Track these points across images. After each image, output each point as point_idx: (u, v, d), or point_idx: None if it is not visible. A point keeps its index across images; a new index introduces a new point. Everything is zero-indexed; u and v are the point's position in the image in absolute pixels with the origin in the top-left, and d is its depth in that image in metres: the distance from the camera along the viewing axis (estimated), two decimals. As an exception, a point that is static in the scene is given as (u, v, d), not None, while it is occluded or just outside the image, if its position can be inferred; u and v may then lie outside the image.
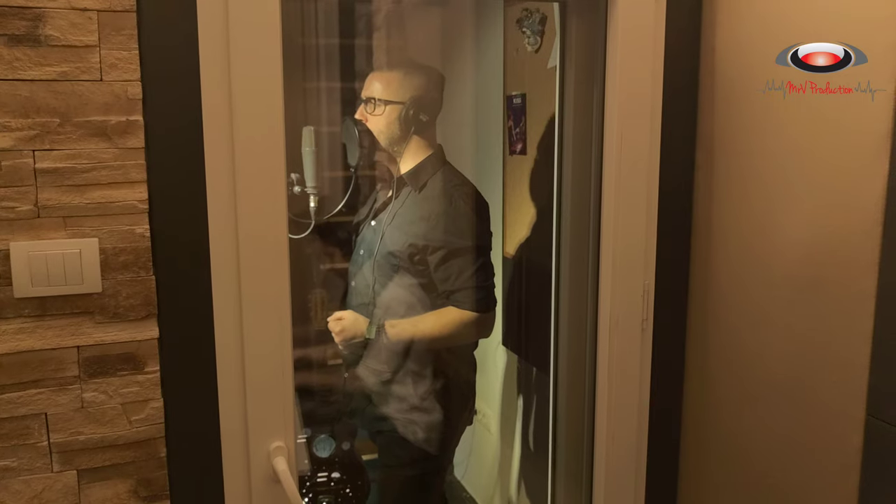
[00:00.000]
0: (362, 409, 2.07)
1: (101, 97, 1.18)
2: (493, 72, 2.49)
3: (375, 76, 1.94)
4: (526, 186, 2.33)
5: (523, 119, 2.34)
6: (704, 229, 1.63)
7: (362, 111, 1.93)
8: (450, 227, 1.86)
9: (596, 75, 1.57)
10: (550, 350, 1.77)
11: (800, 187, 1.40)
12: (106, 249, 1.22)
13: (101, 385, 1.25)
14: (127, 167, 1.21)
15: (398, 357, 1.97)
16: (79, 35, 1.16)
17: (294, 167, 1.95)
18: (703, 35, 1.58)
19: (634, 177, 1.53)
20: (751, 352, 1.54)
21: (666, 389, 1.68)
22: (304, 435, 2.23)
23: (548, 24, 2.19)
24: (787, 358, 1.46)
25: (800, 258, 1.41)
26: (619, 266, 1.55)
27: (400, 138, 1.91)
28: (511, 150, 2.43)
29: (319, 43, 2.54)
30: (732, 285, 1.57)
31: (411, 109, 1.87)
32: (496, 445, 2.68)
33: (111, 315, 1.24)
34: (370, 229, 2.01)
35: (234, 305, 1.29)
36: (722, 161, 1.57)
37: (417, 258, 1.88)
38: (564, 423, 1.76)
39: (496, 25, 2.49)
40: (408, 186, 1.94)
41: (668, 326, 1.65)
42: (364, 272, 1.99)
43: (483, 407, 2.71)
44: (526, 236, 2.33)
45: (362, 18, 2.67)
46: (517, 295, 2.41)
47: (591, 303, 1.63)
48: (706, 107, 1.59)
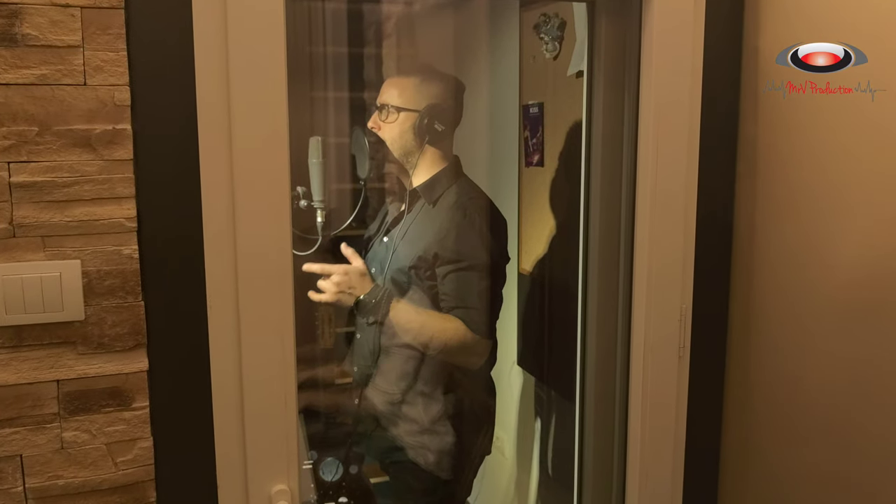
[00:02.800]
0: (371, 432, 2.01)
1: (84, 103, 1.11)
2: (508, 80, 2.45)
3: (391, 82, 1.89)
4: (544, 200, 2.27)
5: (540, 129, 2.30)
6: (746, 247, 1.53)
7: (375, 119, 1.87)
8: (462, 241, 1.79)
9: (627, 81, 1.48)
10: (576, 377, 1.67)
11: (855, 201, 1.31)
12: (89, 272, 1.14)
13: (83, 423, 1.17)
14: (113, 181, 1.13)
15: (408, 377, 1.90)
16: (60, 34, 1.08)
17: (300, 180, 1.88)
18: (745, 34, 1.49)
19: (671, 190, 1.44)
20: (797, 383, 1.44)
21: (703, 423, 1.59)
22: (310, 460, 2.12)
23: (567, 29, 2.13)
24: (838, 390, 1.36)
25: (854, 280, 1.32)
26: (653, 287, 1.45)
27: (414, 148, 1.85)
28: (527, 162, 2.38)
29: (327, 50, 2.50)
30: (778, 309, 1.47)
31: (426, 118, 1.81)
32: (511, 470, 2.60)
33: (95, 345, 1.16)
34: (381, 245, 1.95)
35: (231, 334, 1.21)
36: (766, 171, 1.48)
37: (427, 272, 1.81)
38: (591, 455, 1.65)
39: (511, 31, 2.44)
40: (421, 200, 1.88)
41: (707, 354, 1.56)
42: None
43: (497, 430, 2.60)
44: (543, 252, 2.27)
45: (372, 25, 2.64)
46: (534, 313, 2.34)
47: (622, 326, 1.53)
48: (748, 112, 1.50)
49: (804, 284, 1.42)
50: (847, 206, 1.33)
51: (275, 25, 1.16)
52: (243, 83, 1.16)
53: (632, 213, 1.49)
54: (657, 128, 1.41)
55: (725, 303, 1.57)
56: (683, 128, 1.44)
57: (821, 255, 1.38)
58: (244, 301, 1.20)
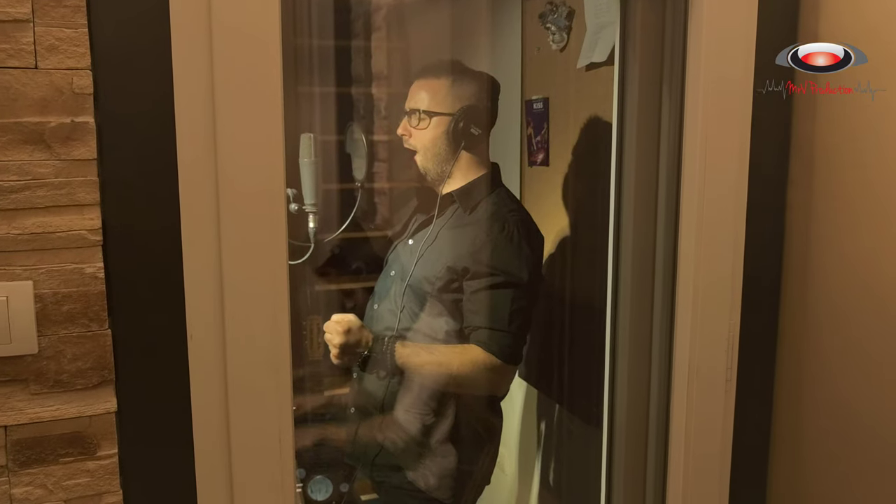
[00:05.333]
0: (374, 456, 1.95)
1: (36, 91, 0.98)
2: (509, 73, 2.40)
3: (421, 84, 1.82)
4: (549, 201, 2.22)
5: (545, 126, 2.25)
6: (800, 261, 1.43)
7: (406, 125, 1.81)
8: (497, 256, 1.72)
9: (666, 74, 1.37)
10: (604, 398, 1.58)
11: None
12: (44, 296, 1.02)
13: (37, 476, 1.04)
14: (73, 185, 1.01)
15: (421, 400, 1.84)
16: (3, 5, 0.95)
17: (290, 182, 1.77)
18: (801, 22, 1.39)
19: (721, 198, 1.33)
20: (854, 413, 1.34)
21: (750, 456, 1.49)
22: (299, 480, 2.10)
23: (576, 18, 2.07)
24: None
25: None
26: (700, 306, 1.33)
27: (449, 155, 1.79)
28: (531, 161, 2.33)
29: (314, 44, 2.49)
30: (834, 329, 1.36)
31: (461, 121, 1.75)
32: (512, 488, 2.55)
33: (51, 383, 1.04)
34: (406, 248, 1.89)
35: (216, 367, 1.08)
36: (823, 176, 1.38)
37: (454, 284, 1.74)
38: (622, 486, 1.54)
39: (513, 21, 2.40)
40: (455, 204, 1.82)
41: (754, 379, 1.46)
42: (392, 296, 1.86)
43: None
44: (547, 257, 2.21)
45: (360, 18, 2.59)
46: (538, 322, 2.24)
47: (659, 348, 1.41)
48: (804, 111, 1.40)
49: (867, 302, 1.31)
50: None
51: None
52: (229, 67, 1.04)
53: (672, 225, 1.38)
54: (706, 130, 1.31)
55: (774, 322, 1.48)
56: (735, 130, 1.33)
57: (886, 269, 1.28)
58: (231, 328, 1.07)
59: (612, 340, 1.52)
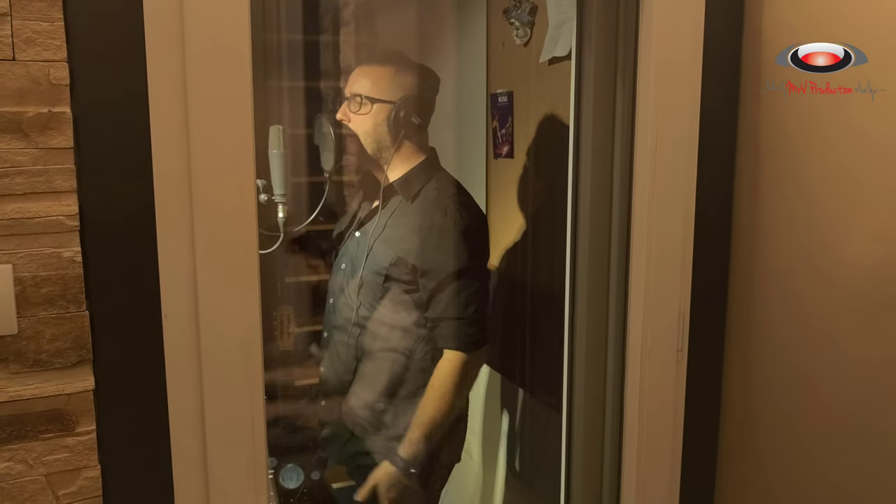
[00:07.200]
0: (336, 437, 1.95)
1: (13, 81, 0.99)
2: (474, 67, 2.39)
3: (363, 71, 1.80)
4: (513, 192, 2.23)
5: (510, 119, 2.26)
6: (747, 244, 1.47)
7: (345, 110, 1.78)
8: (444, 244, 1.71)
9: (620, 66, 1.40)
10: (563, 379, 1.60)
11: (872, 194, 1.26)
12: (23, 279, 1.03)
13: (17, 452, 1.05)
14: (50, 172, 1.02)
15: (392, 382, 1.84)
16: None
17: (259, 173, 1.75)
18: (746, 15, 1.43)
19: (672, 185, 1.37)
20: (805, 386, 1.38)
21: (701, 430, 1.53)
22: (270, 468, 2.08)
23: (538, 14, 2.08)
24: (851, 393, 1.30)
25: (871, 276, 1.25)
26: (652, 287, 1.38)
27: (388, 142, 1.77)
28: (496, 154, 2.33)
29: (284, 38, 2.46)
30: (783, 306, 1.41)
31: (402, 110, 1.73)
32: (478, 472, 2.55)
33: (31, 362, 1.05)
34: (353, 241, 1.87)
35: (190, 346, 1.10)
36: (770, 164, 1.41)
37: (407, 276, 1.73)
38: (581, 461, 1.58)
39: (478, 16, 2.38)
40: (398, 195, 1.80)
41: (704, 356, 1.49)
42: (348, 291, 1.84)
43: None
44: (511, 246, 2.23)
45: (329, 13, 2.57)
46: (500, 308, 2.29)
47: (614, 328, 1.45)
48: (749, 100, 1.43)
49: (809, 283, 1.36)
50: (863, 201, 1.28)
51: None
52: (202, 60, 1.05)
53: (625, 209, 1.41)
54: (656, 119, 1.34)
55: (723, 302, 1.52)
56: (684, 120, 1.37)
57: (832, 250, 1.32)
58: (204, 308, 1.09)
59: (570, 325, 1.55)
